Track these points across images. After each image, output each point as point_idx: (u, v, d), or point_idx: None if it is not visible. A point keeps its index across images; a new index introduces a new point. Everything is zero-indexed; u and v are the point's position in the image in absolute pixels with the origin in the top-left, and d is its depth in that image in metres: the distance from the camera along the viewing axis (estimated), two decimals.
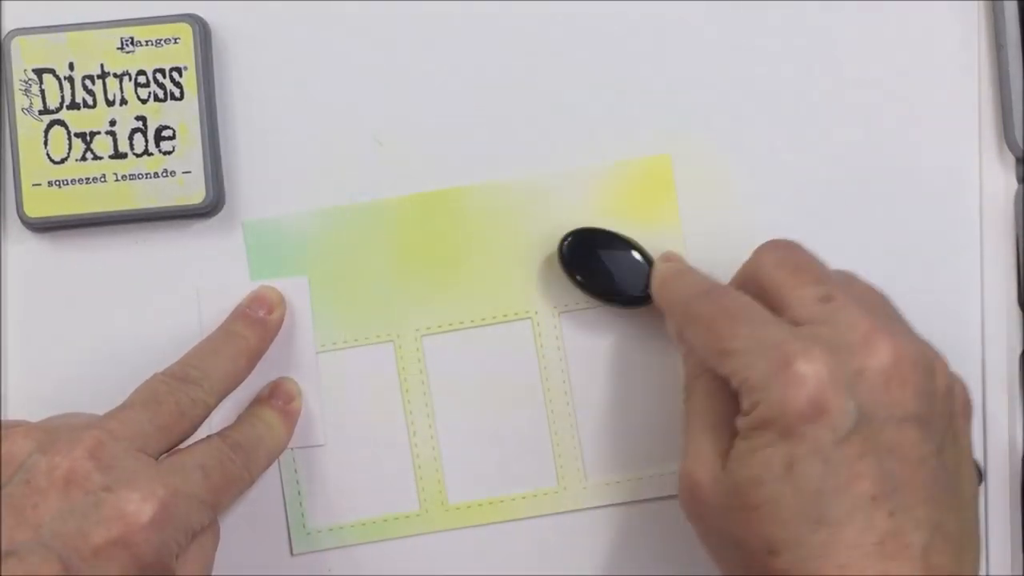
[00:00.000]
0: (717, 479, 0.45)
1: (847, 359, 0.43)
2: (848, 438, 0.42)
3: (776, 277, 0.47)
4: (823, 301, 0.45)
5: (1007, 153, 0.55)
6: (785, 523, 0.42)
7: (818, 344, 0.43)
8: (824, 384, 0.42)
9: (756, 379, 0.43)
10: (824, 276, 0.47)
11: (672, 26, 0.55)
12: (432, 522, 0.55)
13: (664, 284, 0.51)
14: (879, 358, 0.43)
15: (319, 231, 0.55)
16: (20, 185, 0.53)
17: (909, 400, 0.43)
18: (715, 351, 0.45)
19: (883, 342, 0.44)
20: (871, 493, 0.42)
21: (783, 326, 0.45)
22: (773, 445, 0.43)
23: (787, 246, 0.48)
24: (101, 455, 0.46)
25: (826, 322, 0.45)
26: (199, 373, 0.50)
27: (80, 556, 0.44)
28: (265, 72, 0.55)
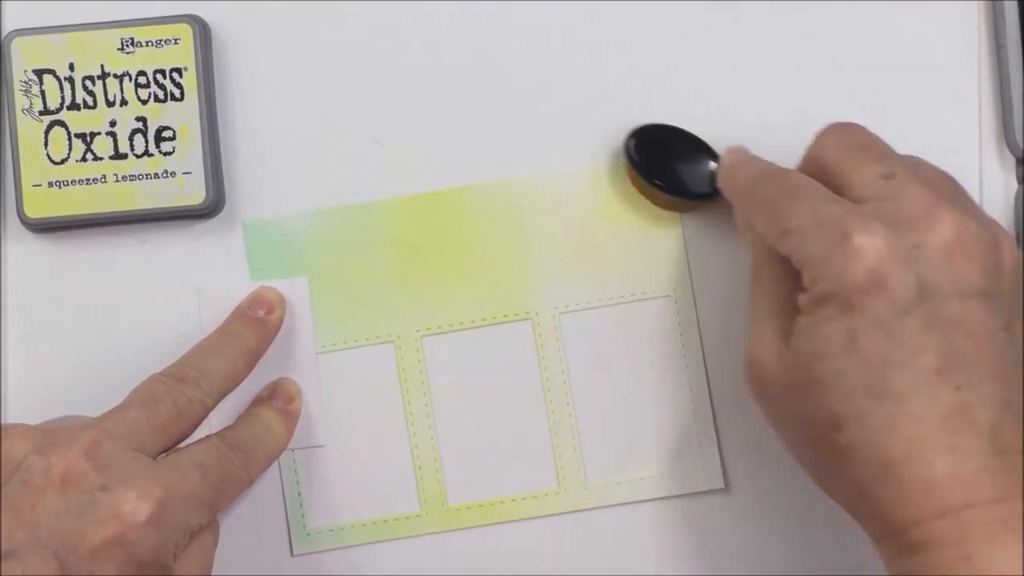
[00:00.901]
0: (781, 357, 0.45)
1: (907, 232, 0.43)
2: (910, 310, 0.42)
3: (837, 157, 0.47)
4: (885, 178, 0.45)
5: (1007, 153, 0.55)
6: (848, 396, 0.42)
7: (877, 218, 0.43)
8: (883, 256, 0.42)
9: (815, 254, 0.43)
10: (886, 154, 0.47)
11: (672, 27, 0.55)
12: (432, 523, 0.55)
13: (730, 174, 0.51)
14: (941, 232, 0.43)
15: (319, 231, 0.55)
16: (20, 185, 0.53)
17: (974, 274, 0.43)
18: (777, 231, 0.46)
19: (945, 216, 0.43)
20: (935, 366, 0.42)
21: (843, 203, 0.45)
22: (834, 319, 0.43)
23: (849, 127, 0.48)
24: (97, 454, 0.46)
25: (887, 198, 0.44)
26: (197, 373, 0.50)
27: (78, 556, 0.44)
28: (265, 72, 0.55)
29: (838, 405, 0.43)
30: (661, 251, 0.55)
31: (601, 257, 0.55)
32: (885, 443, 0.42)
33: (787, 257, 0.45)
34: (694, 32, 0.55)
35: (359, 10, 0.55)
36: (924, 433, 0.42)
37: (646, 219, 0.55)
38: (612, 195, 0.55)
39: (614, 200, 0.55)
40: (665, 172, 0.53)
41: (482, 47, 0.55)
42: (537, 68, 0.55)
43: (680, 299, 0.55)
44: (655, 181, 0.54)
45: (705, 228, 0.55)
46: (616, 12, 0.55)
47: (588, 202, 0.55)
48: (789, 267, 0.45)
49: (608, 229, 0.55)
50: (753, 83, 0.55)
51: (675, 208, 0.54)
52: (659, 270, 0.55)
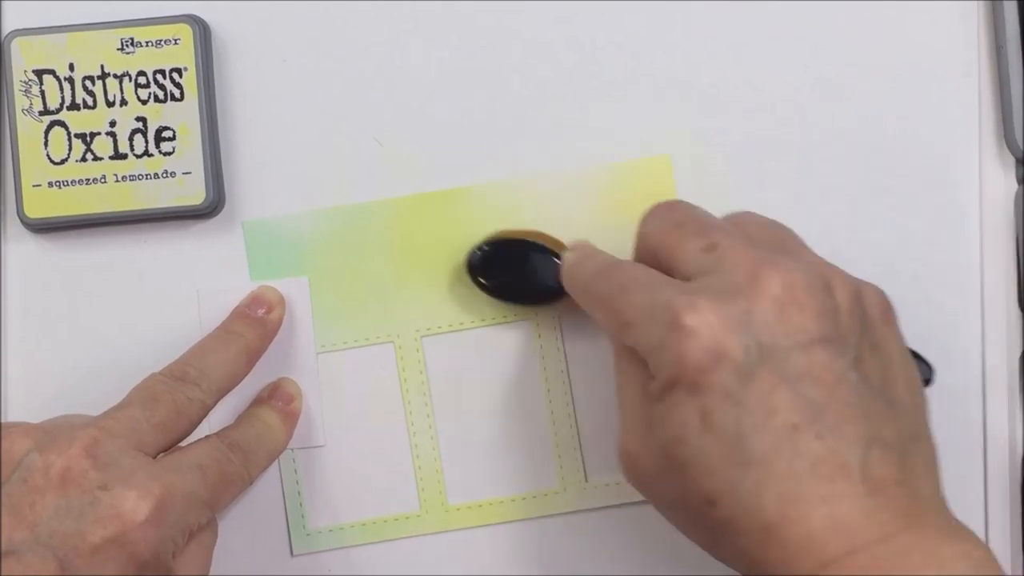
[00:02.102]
0: (647, 446, 0.45)
1: (735, 300, 0.43)
2: (754, 375, 0.42)
3: (661, 239, 0.47)
4: (707, 251, 0.45)
5: (1007, 153, 0.55)
6: (715, 472, 0.43)
7: (703, 294, 0.43)
8: (715, 331, 0.42)
9: (653, 343, 0.44)
10: (706, 226, 0.47)
11: (672, 26, 0.55)
12: (432, 523, 0.55)
13: (570, 273, 0.51)
14: (768, 290, 0.43)
15: (319, 231, 0.55)
16: (20, 186, 0.53)
17: (810, 323, 0.43)
18: (617, 326, 0.46)
19: (768, 274, 0.43)
20: (792, 422, 0.42)
21: (671, 285, 0.45)
22: (685, 402, 0.43)
23: (668, 206, 0.49)
24: (97, 453, 0.46)
25: (712, 270, 0.45)
26: (197, 372, 0.50)
27: (77, 554, 0.44)
28: (265, 72, 0.55)
29: (707, 483, 0.43)
30: None
31: None
32: (759, 508, 0.42)
33: (631, 349, 0.45)
34: (691, 32, 0.55)
35: (359, 10, 0.55)
36: (795, 489, 0.42)
37: None
38: (612, 195, 0.55)
39: (614, 200, 0.55)
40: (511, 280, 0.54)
41: (482, 47, 0.55)
42: (537, 68, 0.55)
43: None
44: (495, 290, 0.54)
45: None
46: (616, 12, 0.55)
47: (587, 202, 0.55)
48: (640, 357, 0.45)
49: (608, 229, 0.55)
50: (752, 83, 0.55)
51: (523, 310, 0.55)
52: None
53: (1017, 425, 0.55)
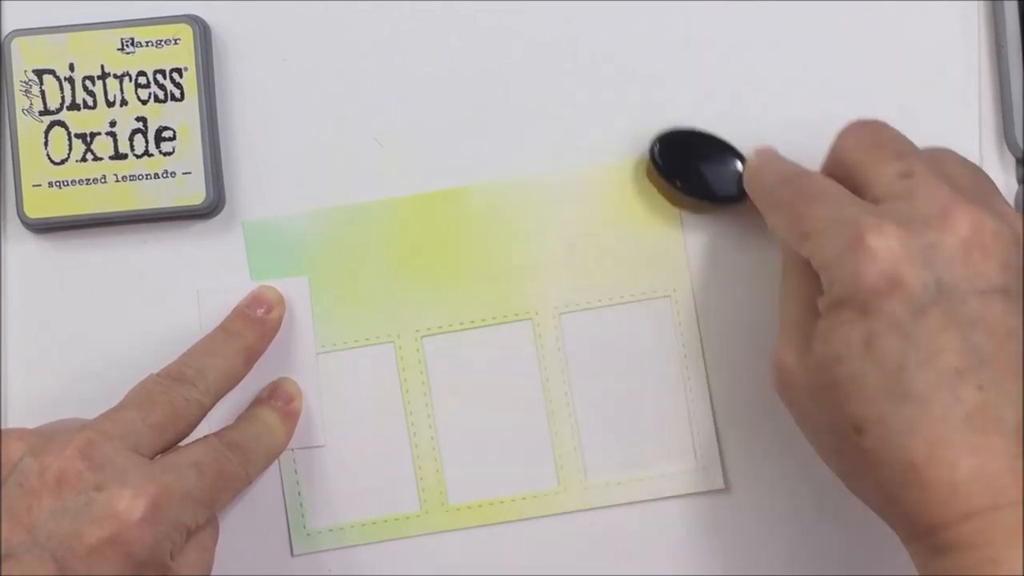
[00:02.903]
0: (803, 360, 0.45)
1: (922, 231, 0.43)
2: (927, 311, 0.42)
3: (857, 156, 0.47)
4: (902, 176, 0.45)
5: (1007, 153, 0.55)
6: (869, 400, 0.42)
7: (891, 218, 0.43)
8: (897, 257, 0.42)
9: (831, 257, 0.43)
10: (905, 151, 0.46)
11: (672, 26, 0.55)
12: (432, 523, 0.55)
13: (753, 177, 0.51)
14: (957, 229, 0.43)
15: (319, 231, 0.55)
16: (20, 186, 0.53)
17: (993, 271, 0.43)
18: (795, 234, 0.45)
19: (961, 213, 0.43)
20: (956, 366, 0.42)
21: (859, 204, 0.45)
22: (851, 322, 0.43)
23: (869, 125, 0.48)
24: (92, 454, 0.46)
25: (904, 197, 0.44)
26: (195, 373, 0.50)
27: (75, 555, 0.44)
28: (265, 72, 0.55)
29: (859, 409, 0.42)
30: (661, 251, 0.55)
31: (601, 257, 0.55)
32: (908, 446, 0.41)
33: (806, 259, 0.45)
34: (691, 33, 0.55)
35: (359, 10, 0.55)
36: (947, 434, 0.41)
37: (646, 219, 0.55)
38: (612, 195, 0.55)
39: (614, 200, 0.55)
40: (690, 175, 0.53)
41: (482, 48, 0.55)
42: (537, 68, 0.55)
43: (680, 299, 0.55)
44: (678, 184, 0.54)
45: (705, 228, 0.55)
46: (616, 12, 0.55)
47: (588, 202, 0.55)
48: (812, 270, 0.45)
49: (608, 229, 0.55)
50: (752, 83, 0.55)
51: (702, 210, 0.54)
52: (659, 270, 0.55)
53: None
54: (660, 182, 0.54)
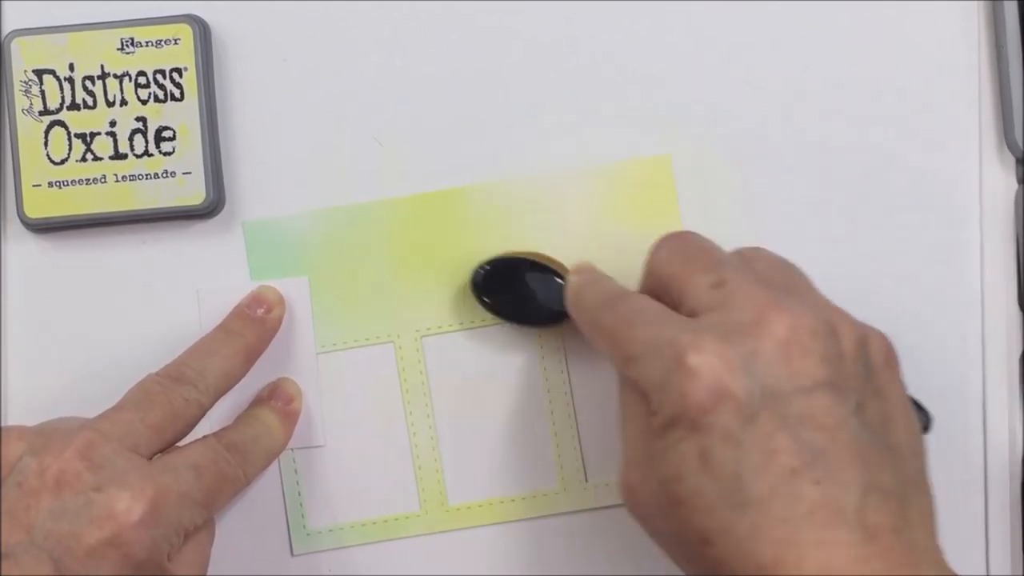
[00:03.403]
0: (646, 480, 0.45)
1: (740, 341, 0.43)
2: (756, 417, 0.42)
3: (670, 272, 0.47)
4: (715, 287, 0.45)
5: (1007, 153, 0.55)
6: (711, 512, 0.42)
7: (709, 332, 0.43)
8: (718, 371, 0.42)
9: (656, 379, 0.44)
10: (716, 261, 0.46)
11: (672, 26, 0.55)
12: (432, 523, 0.55)
13: (574, 300, 0.51)
14: (774, 333, 0.43)
15: (319, 231, 0.55)
16: (20, 186, 0.53)
17: (814, 368, 0.43)
18: (620, 359, 0.46)
19: (776, 316, 0.43)
20: (791, 466, 0.42)
21: (676, 321, 0.45)
22: (684, 440, 0.43)
23: (678, 238, 0.48)
24: (91, 455, 0.46)
25: (719, 308, 0.44)
26: (194, 373, 0.50)
27: (73, 556, 0.44)
28: (265, 72, 0.55)
29: (704, 522, 0.43)
30: None
31: (601, 257, 0.55)
32: (755, 551, 0.42)
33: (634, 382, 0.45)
34: (691, 33, 0.55)
35: (359, 10, 0.55)
36: (791, 534, 0.41)
37: (646, 219, 0.55)
38: (612, 195, 0.55)
39: (614, 200, 0.55)
40: (511, 300, 0.54)
41: (482, 47, 0.55)
42: (537, 68, 0.55)
43: None
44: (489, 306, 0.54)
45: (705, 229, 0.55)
46: (616, 12, 0.55)
47: (588, 202, 0.55)
48: (642, 391, 0.45)
49: (608, 229, 0.55)
50: (752, 83, 0.55)
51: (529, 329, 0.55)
52: None
53: (1017, 425, 0.55)
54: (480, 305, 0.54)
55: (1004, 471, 0.54)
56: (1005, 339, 0.54)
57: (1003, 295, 0.55)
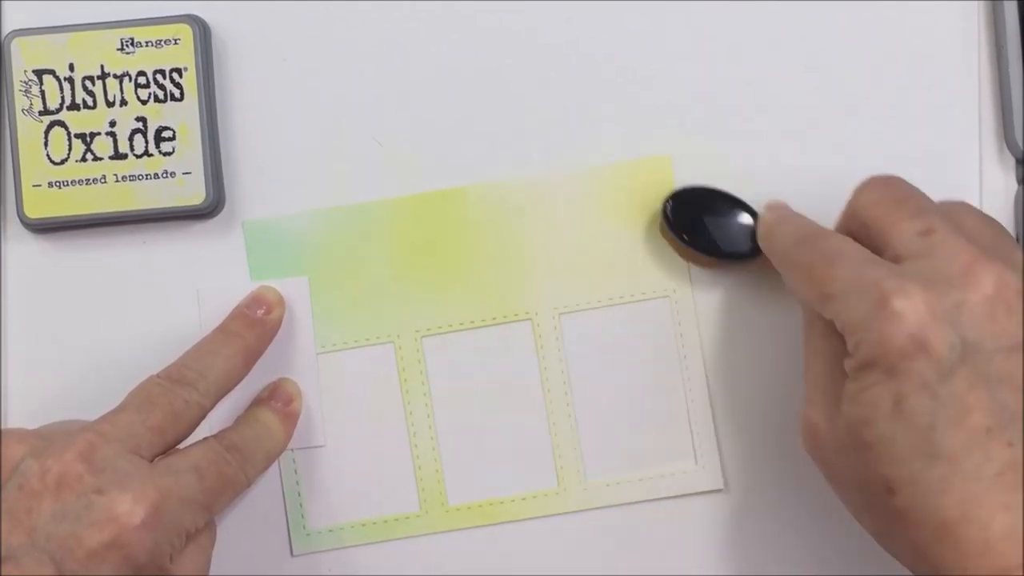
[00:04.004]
0: (832, 421, 0.45)
1: (946, 291, 0.43)
2: (955, 371, 0.42)
3: (876, 214, 0.47)
4: (922, 234, 0.45)
5: (1007, 154, 0.55)
6: (900, 461, 0.42)
7: (915, 279, 0.43)
8: (923, 319, 0.42)
9: (856, 320, 0.43)
10: (924, 208, 0.46)
11: (672, 26, 0.55)
12: (432, 523, 0.55)
13: (768, 234, 0.51)
14: (981, 288, 0.43)
15: (319, 231, 0.55)
16: (20, 186, 0.53)
17: (1017, 329, 0.43)
18: (817, 296, 0.45)
19: (984, 271, 0.43)
20: (986, 425, 0.42)
21: (881, 264, 0.44)
22: (879, 383, 0.43)
23: (886, 181, 0.48)
24: (93, 457, 0.46)
25: (925, 255, 0.44)
26: (194, 374, 0.50)
27: (74, 559, 0.44)
28: (265, 72, 0.55)
29: (890, 469, 0.42)
30: (661, 251, 0.55)
31: (601, 257, 0.55)
32: (940, 505, 0.42)
33: (830, 320, 0.45)
34: (691, 33, 0.55)
35: (359, 10, 0.55)
36: (979, 493, 0.41)
37: (646, 219, 0.55)
38: (612, 195, 0.55)
39: (614, 200, 0.55)
40: (704, 232, 0.53)
41: (482, 48, 0.55)
42: (537, 68, 0.55)
43: (679, 299, 0.55)
44: (685, 238, 0.53)
45: None
46: (616, 12, 0.55)
47: (588, 202, 0.55)
48: (835, 330, 0.45)
49: (608, 229, 0.55)
50: (752, 83, 0.55)
51: (716, 266, 0.54)
52: (659, 270, 0.55)
53: None
54: (672, 239, 0.54)
55: None
56: None
57: None
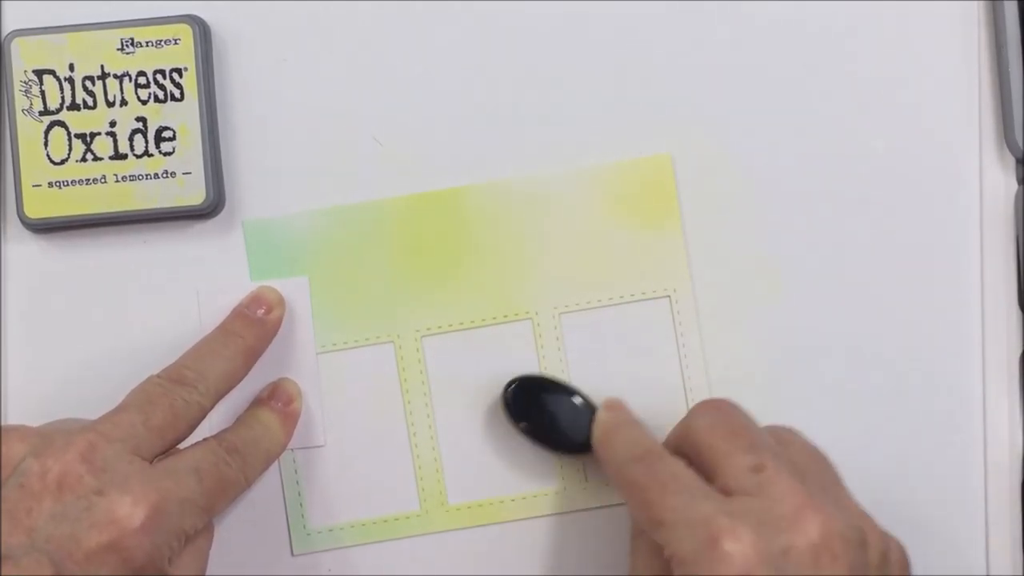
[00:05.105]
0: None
1: (775, 536, 0.44)
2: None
3: (709, 441, 0.47)
4: (754, 471, 0.46)
5: (1007, 153, 0.55)
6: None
7: (746, 521, 0.44)
8: (751, 563, 0.43)
9: (686, 554, 0.44)
10: (757, 442, 0.47)
11: (672, 26, 0.55)
12: (432, 523, 0.55)
13: (604, 441, 0.51)
14: (808, 534, 0.44)
15: (319, 231, 0.55)
16: (20, 186, 0.53)
17: (843, 573, 0.44)
18: (648, 520, 0.46)
19: (812, 517, 0.44)
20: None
21: (712, 499, 0.45)
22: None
23: (721, 407, 0.49)
24: (93, 458, 0.46)
25: (756, 494, 0.45)
26: (194, 374, 0.50)
27: (73, 560, 0.44)
28: (265, 72, 0.55)
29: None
30: (661, 251, 0.55)
31: (601, 257, 0.55)
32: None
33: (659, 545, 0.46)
34: (691, 32, 0.55)
35: (359, 10, 0.55)
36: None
37: (646, 219, 0.55)
38: (612, 195, 0.55)
39: (614, 200, 0.55)
40: (543, 423, 0.53)
41: (481, 47, 0.55)
42: (537, 68, 0.55)
43: (680, 299, 0.55)
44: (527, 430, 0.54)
45: (705, 228, 0.55)
46: (616, 12, 0.55)
47: (588, 202, 0.55)
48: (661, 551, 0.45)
49: (608, 229, 0.55)
50: (752, 83, 0.55)
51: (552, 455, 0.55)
52: (659, 270, 0.55)
53: (1017, 425, 0.55)
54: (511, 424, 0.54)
55: (1004, 471, 0.54)
56: (1005, 339, 0.54)
57: (1003, 295, 0.55)
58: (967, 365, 0.54)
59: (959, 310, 0.55)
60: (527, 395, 0.54)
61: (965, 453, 0.55)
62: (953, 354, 0.54)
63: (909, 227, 0.55)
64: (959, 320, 0.55)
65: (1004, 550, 0.54)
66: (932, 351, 0.54)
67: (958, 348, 0.54)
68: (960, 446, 0.54)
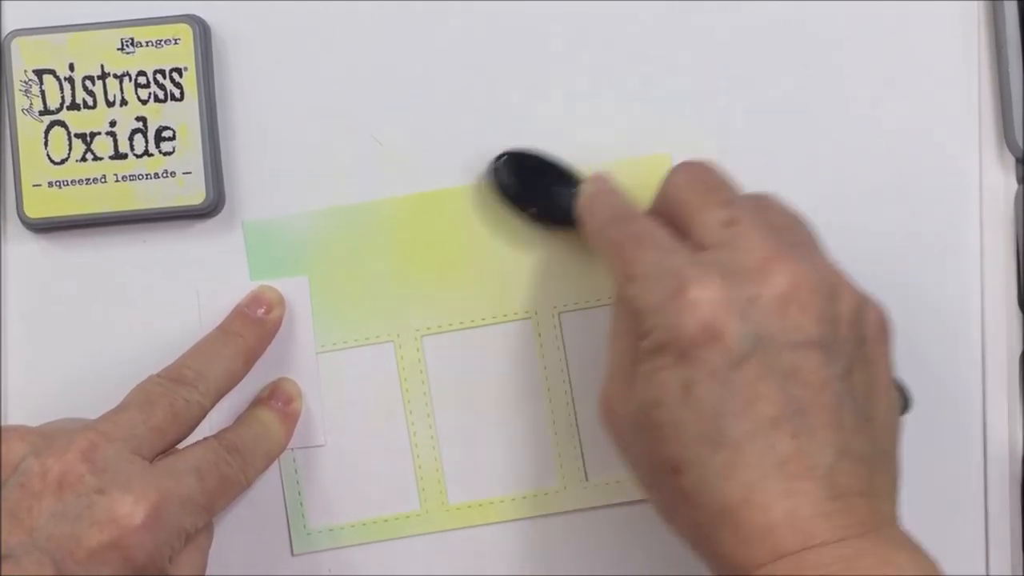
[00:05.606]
0: (626, 398, 0.45)
1: (743, 284, 0.44)
2: (744, 362, 0.43)
3: (685, 198, 0.48)
4: (726, 225, 0.46)
5: (1007, 153, 0.55)
6: (686, 443, 0.43)
7: (714, 270, 0.44)
8: (717, 309, 0.43)
9: (653, 304, 0.44)
10: (732, 199, 0.47)
11: (672, 25, 0.55)
12: (432, 522, 0.55)
13: (586, 207, 0.51)
14: (776, 283, 0.44)
15: (319, 231, 0.55)
16: (20, 185, 0.53)
17: (809, 325, 0.43)
18: (621, 276, 0.46)
19: (780, 268, 0.44)
20: (771, 415, 0.42)
21: (683, 252, 0.45)
22: (670, 368, 0.43)
23: (699, 167, 0.49)
24: (94, 457, 0.46)
25: (726, 247, 0.45)
26: (194, 374, 0.50)
27: (74, 559, 0.44)
28: (265, 72, 0.55)
29: (678, 451, 0.43)
30: None
31: None
32: (723, 489, 0.42)
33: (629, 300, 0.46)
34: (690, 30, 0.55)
35: (359, 10, 0.55)
36: (761, 479, 0.42)
37: None
38: None
39: None
40: (535, 196, 0.54)
41: (481, 47, 0.55)
42: (537, 68, 0.55)
43: None
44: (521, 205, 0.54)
45: None
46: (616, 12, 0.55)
47: None
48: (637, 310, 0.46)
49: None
50: (752, 82, 0.55)
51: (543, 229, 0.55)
52: None
53: (1017, 425, 0.55)
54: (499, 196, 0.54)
55: (1004, 471, 0.54)
56: (1005, 339, 0.54)
57: (1003, 295, 0.55)
58: (967, 365, 0.54)
59: (959, 310, 0.55)
60: (516, 170, 0.54)
61: (965, 453, 0.55)
62: (953, 354, 0.54)
63: (909, 227, 0.55)
64: (959, 320, 0.55)
65: (1004, 550, 0.54)
66: (932, 351, 0.54)
67: (958, 348, 0.54)
68: (960, 446, 0.54)
